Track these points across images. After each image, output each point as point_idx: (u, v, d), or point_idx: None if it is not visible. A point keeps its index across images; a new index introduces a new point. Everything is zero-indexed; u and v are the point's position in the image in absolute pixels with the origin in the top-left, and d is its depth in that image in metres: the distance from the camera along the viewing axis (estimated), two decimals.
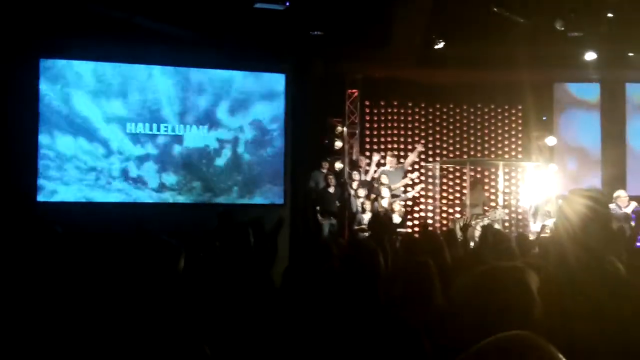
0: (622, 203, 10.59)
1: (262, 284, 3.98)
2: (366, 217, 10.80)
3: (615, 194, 10.70)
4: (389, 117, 13.83)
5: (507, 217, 12.62)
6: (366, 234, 10.39)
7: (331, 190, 11.52)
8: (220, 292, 3.54)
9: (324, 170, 12.12)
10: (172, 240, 3.00)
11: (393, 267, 3.37)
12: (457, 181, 13.99)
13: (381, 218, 5.02)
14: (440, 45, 11.84)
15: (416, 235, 9.83)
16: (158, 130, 11.10)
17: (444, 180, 13.75)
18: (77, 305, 3.44)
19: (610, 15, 10.83)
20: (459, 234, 8.67)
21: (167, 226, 8.72)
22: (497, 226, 10.23)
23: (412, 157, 12.68)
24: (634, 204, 10.80)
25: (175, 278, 2.90)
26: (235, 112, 11.53)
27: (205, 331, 3.15)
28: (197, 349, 2.26)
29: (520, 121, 14.16)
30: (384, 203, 11.18)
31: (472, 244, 10.80)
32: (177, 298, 2.94)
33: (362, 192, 11.63)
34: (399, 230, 10.28)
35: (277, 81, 11.82)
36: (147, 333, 2.57)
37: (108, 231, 8.29)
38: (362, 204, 11.09)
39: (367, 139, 13.65)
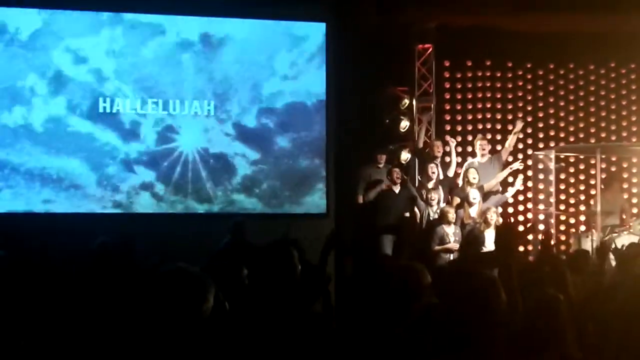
0: None
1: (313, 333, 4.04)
2: (450, 231, 10.78)
3: None
4: (479, 85, 13.82)
5: None
6: (451, 257, 10.41)
7: (396, 191, 11.55)
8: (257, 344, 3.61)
9: (380, 166, 12.18)
10: (192, 270, 3.07)
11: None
12: (582, 177, 13.89)
13: (510, 233, 4.98)
14: None
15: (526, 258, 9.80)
16: (143, 108, 11.23)
17: (562, 177, 13.66)
18: None
19: None
20: (592, 256, 8.65)
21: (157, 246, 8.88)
22: None
23: (510, 142, 12.46)
24: None
25: (200, 325, 2.97)
26: (252, 82, 11.61)
27: None
28: None
29: None
30: (473, 212, 11.12)
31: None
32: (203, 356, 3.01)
33: (435, 196, 11.60)
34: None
35: (314, 34, 11.88)
36: None
37: (80, 256, 8.50)
38: (445, 212, 11.06)
39: (447, 117, 13.67)
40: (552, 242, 11.73)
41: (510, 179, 12.61)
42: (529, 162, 13.32)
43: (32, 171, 10.86)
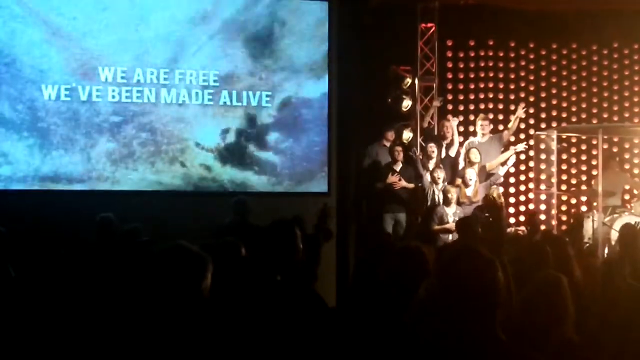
0: None
1: (311, 309, 4.05)
2: (450, 210, 10.80)
3: None
4: (482, 64, 13.77)
5: None
6: (451, 237, 10.42)
7: (397, 169, 11.56)
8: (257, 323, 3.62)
9: (388, 144, 12.16)
10: (191, 247, 3.08)
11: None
12: (583, 157, 13.88)
13: (498, 211, 4.99)
14: None
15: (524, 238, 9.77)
16: (140, 80, 11.21)
17: (564, 157, 13.64)
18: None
19: None
20: (587, 234, 8.67)
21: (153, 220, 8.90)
22: None
23: (512, 124, 12.47)
24: None
25: (198, 303, 2.98)
26: (254, 58, 11.58)
27: None
28: None
29: None
30: (469, 191, 11.13)
31: (605, 250, 10.78)
32: (201, 334, 3.02)
33: (441, 174, 11.60)
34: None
35: (317, 12, 11.84)
36: None
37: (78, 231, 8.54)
38: (445, 191, 11.08)
39: (450, 96, 13.61)
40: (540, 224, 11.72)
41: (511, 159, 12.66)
42: (531, 142, 13.31)
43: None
